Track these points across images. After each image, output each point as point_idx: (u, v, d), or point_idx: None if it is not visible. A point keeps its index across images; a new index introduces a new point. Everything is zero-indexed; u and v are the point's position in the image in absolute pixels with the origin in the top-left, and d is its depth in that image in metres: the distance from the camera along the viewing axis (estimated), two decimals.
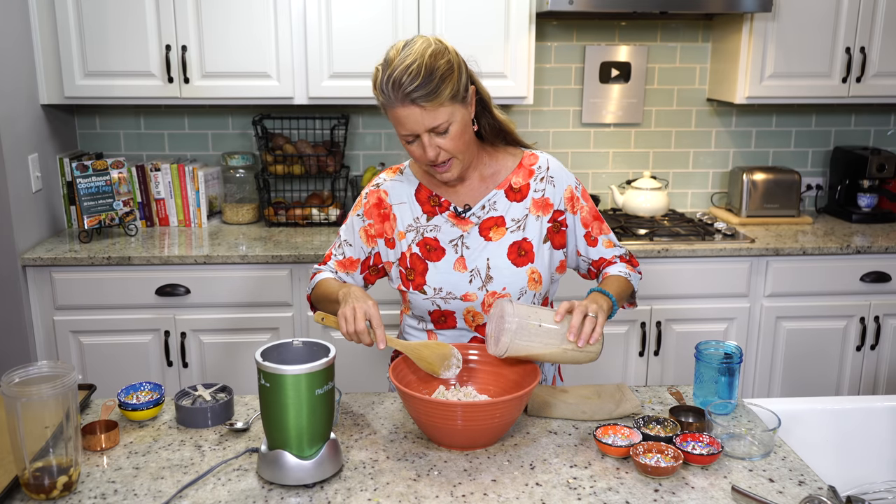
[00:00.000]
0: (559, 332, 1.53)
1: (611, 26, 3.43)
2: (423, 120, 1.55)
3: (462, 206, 1.74)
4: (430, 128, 1.57)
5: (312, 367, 1.33)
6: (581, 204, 1.77)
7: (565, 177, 1.77)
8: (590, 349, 1.55)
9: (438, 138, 1.59)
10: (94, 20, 2.95)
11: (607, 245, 1.80)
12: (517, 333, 1.51)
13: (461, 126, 1.60)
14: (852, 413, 1.79)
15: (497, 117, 1.73)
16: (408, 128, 1.58)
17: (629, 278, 1.78)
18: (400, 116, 1.57)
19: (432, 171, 1.66)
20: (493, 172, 1.75)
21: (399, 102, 1.54)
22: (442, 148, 1.60)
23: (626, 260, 1.82)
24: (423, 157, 1.62)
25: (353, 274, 1.80)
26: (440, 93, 1.54)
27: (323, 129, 3.38)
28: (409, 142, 1.61)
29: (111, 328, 2.92)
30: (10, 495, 1.34)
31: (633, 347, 3.09)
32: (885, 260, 3.09)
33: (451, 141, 1.59)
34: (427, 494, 1.34)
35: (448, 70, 1.55)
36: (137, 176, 3.26)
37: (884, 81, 3.22)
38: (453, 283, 1.71)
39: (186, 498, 1.34)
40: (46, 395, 1.28)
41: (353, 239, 1.79)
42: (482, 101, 1.69)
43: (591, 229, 1.78)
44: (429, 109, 1.54)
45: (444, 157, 1.61)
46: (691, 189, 3.63)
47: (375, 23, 3.01)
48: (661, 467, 1.38)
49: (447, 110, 1.56)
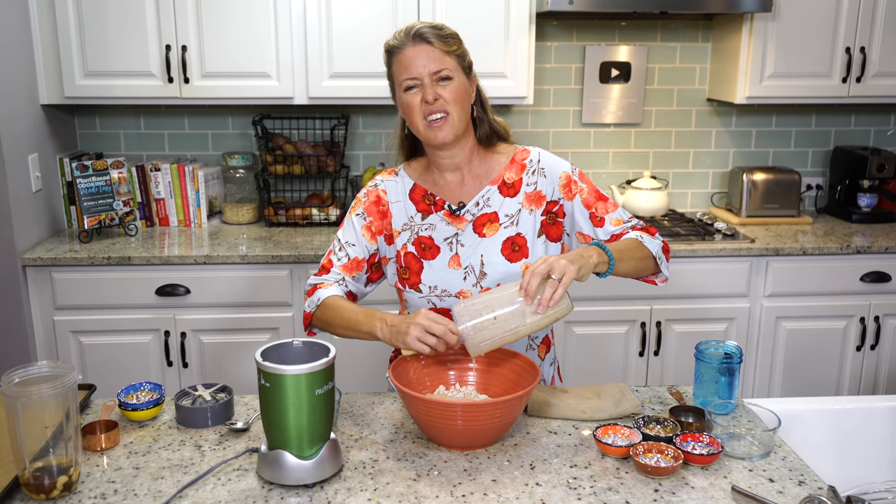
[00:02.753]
0: (519, 310, 1.49)
1: (611, 26, 3.43)
2: (430, 60, 1.62)
3: (456, 203, 1.75)
4: (434, 70, 1.62)
5: (312, 367, 1.33)
6: (580, 186, 1.74)
7: (558, 165, 1.75)
8: (557, 310, 1.49)
9: (439, 86, 1.63)
10: (94, 20, 2.95)
11: (616, 223, 1.72)
12: (476, 335, 1.50)
13: (461, 87, 1.65)
14: (852, 413, 1.79)
15: (495, 120, 1.76)
16: (413, 69, 1.62)
17: (641, 240, 1.67)
18: (408, 57, 1.63)
19: (426, 130, 1.65)
20: (486, 170, 1.76)
21: (410, 41, 1.63)
22: (441, 96, 1.62)
23: (640, 229, 1.73)
24: (421, 105, 1.63)
25: (359, 276, 1.77)
26: (449, 42, 1.64)
27: (323, 129, 3.38)
28: (409, 88, 1.64)
29: (111, 328, 2.91)
30: (10, 495, 1.34)
31: (633, 347, 3.09)
32: (885, 260, 3.09)
33: (450, 93, 1.63)
34: (427, 494, 1.34)
35: (457, 36, 1.67)
36: (137, 176, 3.26)
37: (884, 81, 3.22)
38: (448, 281, 1.71)
39: (186, 498, 1.34)
40: (46, 395, 1.28)
41: (356, 239, 1.76)
42: (482, 102, 1.72)
43: (594, 209, 1.73)
44: (437, 50, 1.62)
45: (440, 106, 1.63)
46: (691, 189, 3.63)
47: (375, 23, 3.01)
48: (661, 467, 1.38)
49: (452, 62, 1.64)
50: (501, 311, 1.50)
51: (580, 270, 1.49)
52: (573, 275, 1.47)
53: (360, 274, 1.76)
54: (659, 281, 1.74)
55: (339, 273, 1.75)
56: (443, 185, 1.76)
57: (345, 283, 1.75)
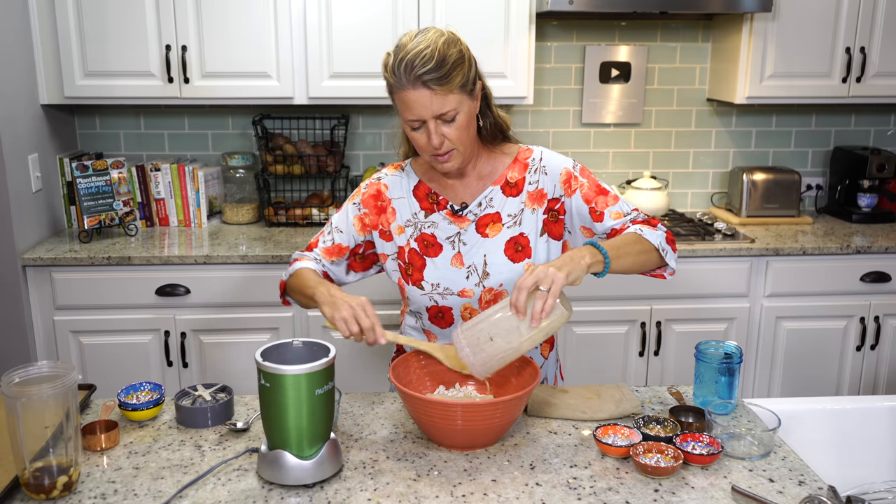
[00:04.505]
0: (514, 327, 1.46)
1: (611, 26, 3.43)
2: (432, 105, 1.55)
3: (459, 203, 1.75)
4: (438, 114, 1.56)
5: (312, 367, 1.33)
6: (580, 182, 1.72)
7: (558, 162, 1.74)
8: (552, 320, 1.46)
9: (444, 126, 1.59)
10: (94, 20, 2.95)
11: (616, 216, 1.68)
12: (476, 356, 1.50)
13: (467, 117, 1.60)
14: (852, 413, 1.79)
15: (498, 115, 1.74)
16: (416, 112, 1.57)
17: (641, 233, 1.63)
18: (409, 100, 1.56)
19: (433, 161, 1.65)
20: (490, 170, 1.75)
21: (410, 84, 1.54)
22: (447, 137, 1.60)
23: (641, 221, 1.68)
24: (427, 146, 1.61)
25: (339, 261, 1.79)
26: (451, 79, 1.54)
27: (323, 129, 3.38)
28: (414, 128, 1.61)
29: (111, 328, 2.91)
30: (10, 495, 1.34)
31: (633, 347, 3.09)
32: (885, 260, 3.09)
33: (456, 131, 1.59)
34: (427, 494, 1.34)
35: (459, 59, 1.56)
36: (137, 176, 3.26)
37: (884, 81, 3.22)
38: (450, 280, 1.71)
39: (186, 498, 1.34)
40: (46, 395, 1.28)
41: (346, 226, 1.79)
42: (486, 97, 1.70)
43: (594, 204, 1.70)
44: (438, 94, 1.54)
45: (447, 146, 1.61)
46: (691, 189, 3.63)
47: (375, 22, 3.01)
48: (661, 467, 1.38)
49: (456, 98, 1.57)
50: (497, 329, 1.48)
51: (570, 276, 1.45)
52: (561, 282, 1.43)
53: (339, 259, 1.79)
54: (667, 274, 1.68)
55: (320, 254, 1.79)
56: (446, 185, 1.76)
57: (321, 264, 1.78)
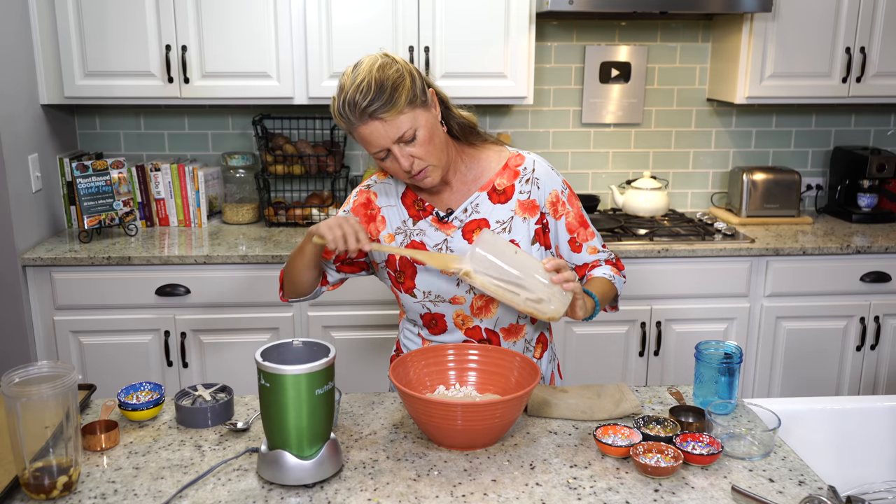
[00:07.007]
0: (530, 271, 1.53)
1: (611, 26, 3.43)
2: (387, 132, 1.55)
3: (444, 210, 1.73)
4: (395, 138, 1.56)
5: (312, 367, 1.33)
6: (567, 209, 1.74)
7: (551, 180, 1.74)
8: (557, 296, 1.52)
9: (408, 147, 1.58)
10: (94, 20, 2.95)
11: (591, 252, 1.77)
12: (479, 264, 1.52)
13: (428, 130, 1.59)
14: (852, 413, 1.79)
15: (461, 115, 1.72)
16: (375, 144, 1.58)
17: (613, 281, 1.76)
18: (364, 134, 1.57)
19: (412, 182, 1.65)
20: (475, 175, 1.73)
21: (359, 121, 1.55)
22: (415, 156, 1.59)
23: (611, 263, 1.80)
24: (399, 171, 1.61)
25: (328, 262, 1.80)
26: (395, 101, 1.53)
27: (323, 129, 3.38)
28: (382, 158, 1.61)
29: (111, 328, 2.91)
30: (10, 495, 1.34)
31: (633, 347, 3.09)
32: (885, 260, 3.09)
33: (421, 147, 1.58)
34: (427, 494, 1.34)
35: (398, 78, 1.55)
36: (137, 176, 3.26)
37: (884, 81, 3.22)
38: (441, 287, 1.70)
39: (186, 498, 1.34)
40: (46, 395, 1.28)
41: None
42: (442, 101, 1.67)
43: (576, 235, 1.76)
44: (389, 120, 1.54)
45: (419, 165, 1.60)
46: (691, 189, 3.63)
47: (375, 22, 3.01)
48: (661, 467, 1.38)
49: (408, 117, 1.56)
50: (518, 257, 1.53)
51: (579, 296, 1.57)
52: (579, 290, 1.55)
53: (328, 261, 1.80)
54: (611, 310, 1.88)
55: None
56: (431, 192, 1.74)
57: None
